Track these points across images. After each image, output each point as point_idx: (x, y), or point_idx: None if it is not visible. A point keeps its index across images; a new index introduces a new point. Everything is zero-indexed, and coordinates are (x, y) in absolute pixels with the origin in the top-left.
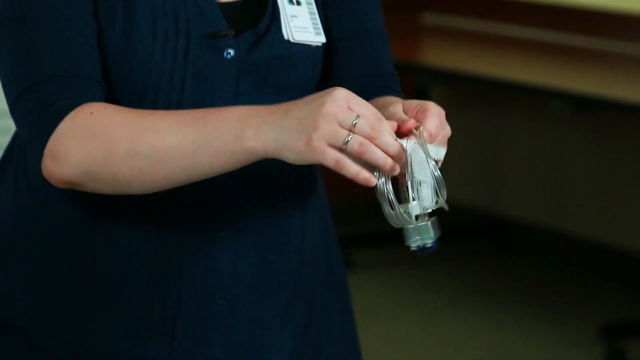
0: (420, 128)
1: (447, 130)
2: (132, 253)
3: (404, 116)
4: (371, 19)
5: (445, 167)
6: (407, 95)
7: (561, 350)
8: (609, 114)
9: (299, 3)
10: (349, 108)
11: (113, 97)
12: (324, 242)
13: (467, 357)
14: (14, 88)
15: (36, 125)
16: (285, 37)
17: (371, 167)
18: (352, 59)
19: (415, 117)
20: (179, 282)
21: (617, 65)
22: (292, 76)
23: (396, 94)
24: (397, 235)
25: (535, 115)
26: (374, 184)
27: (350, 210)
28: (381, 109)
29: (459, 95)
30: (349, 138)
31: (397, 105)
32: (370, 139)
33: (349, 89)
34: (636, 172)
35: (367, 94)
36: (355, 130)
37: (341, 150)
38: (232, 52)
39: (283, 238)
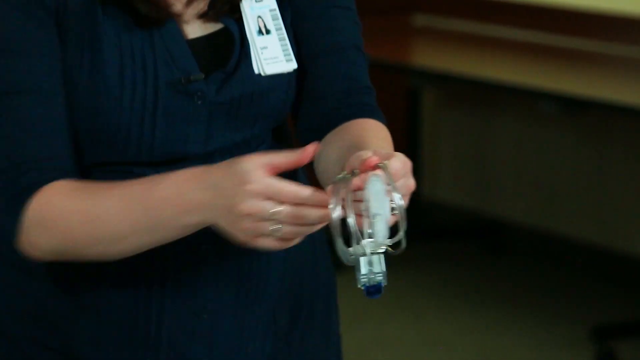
0: (385, 162)
1: (410, 182)
2: (115, 270)
3: (369, 155)
4: (344, 33)
5: (436, 167)
6: (397, 97)
7: (551, 352)
8: (599, 116)
9: (268, 32)
10: (270, 200)
11: (84, 139)
12: (310, 243)
13: (457, 358)
14: None
15: (6, 212)
16: (256, 72)
17: (335, 198)
18: (325, 76)
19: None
20: (161, 299)
21: (606, 67)
22: (264, 108)
23: (371, 109)
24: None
25: (525, 116)
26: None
27: None
28: (350, 149)
29: (450, 96)
30: (277, 228)
31: (367, 152)
32: (298, 220)
33: (323, 106)
34: (626, 173)
35: (341, 112)
36: (281, 218)
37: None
38: (202, 95)
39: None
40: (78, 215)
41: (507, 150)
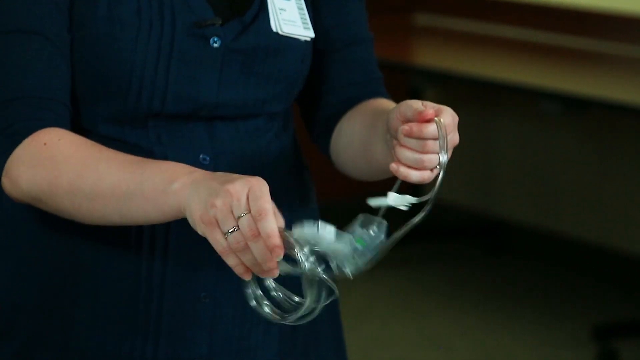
0: (438, 118)
1: (455, 137)
2: (114, 252)
3: (423, 107)
4: (361, 26)
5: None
6: (398, 96)
7: (553, 351)
8: (600, 115)
9: None
10: (247, 199)
11: (94, 95)
12: None
13: (458, 358)
14: None
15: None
16: (274, 29)
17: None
18: (345, 67)
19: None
20: (162, 281)
21: (608, 66)
22: (279, 68)
23: (386, 98)
24: (388, 237)
25: (526, 116)
26: (249, 279)
27: (340, 212)
28: (375, 114)
29: (451, 96)
30: (231, 231)
31: (417, 102)
32: (246, 241)
33: (342, 95)
34: (627, 172)
35: (356, 100)
36: (239, 224)
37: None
38: (218, 40)
39: None
40: (68, 160)
41: (508, 149)
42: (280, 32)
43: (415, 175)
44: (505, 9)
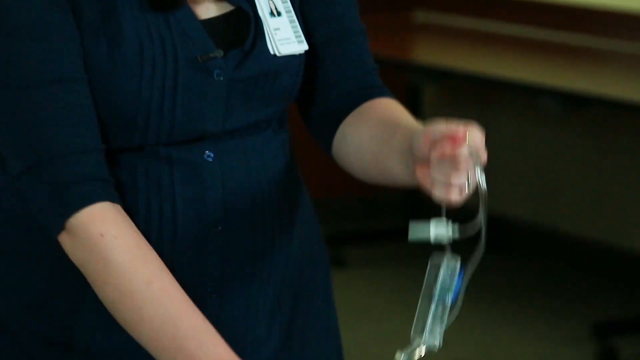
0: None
1: (484, 155)
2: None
3: (452, 128)
4: (351, 19)
5: None
6: (398, 93)
7: (553, 349)
8: (600, 112)
9: (279, 14)
10: None
11: (103, 124)
12: (308, 234)
13: (457, 355)
14: (18, 159)
15: (49, 209)
16: (271, 52)
17: None
18: (339, 62)
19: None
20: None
21: (607, 63)
22: (278, 88)
23: (381, 89)
24: (389, 233)
25: (526, 113)
26: None
27: (341, 208)
28: (385, 125)
29: (451, 93)
30: None
31: (441, 124)
32: None
33: (337, 90)
34: (627, 170)
35: (355, 95)
36: None
37: None
38: (221, 73)
39: (272, 232)
40: (117, 276)
41: (507, 146)
42: (278, 55)
43: (454, 197)
44: (505, 6)
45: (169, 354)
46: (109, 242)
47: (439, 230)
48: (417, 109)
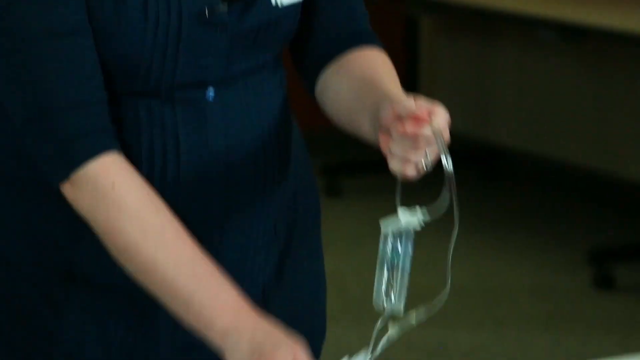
0: (433, 125)
1: (447, 135)
2: None
3: (418, 108)
4: None
5: (434, 95)
6: (395, 26)
7: (550, 275)
8: (598, 42)
9: None
10: None
11: (105, 71)
12: (300, 168)
13: (454, 282)
14: (22, 111)
15: (54, 161)
16: (273, 4)
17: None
18: (327, 8)
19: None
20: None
21: None
22: (278, 35)
23: (368, 35)
24: (385, 163)
25: (524, 43)
26: None
27: (337, 138)
28: (363, 82)
29: (448, 25)
30: None
31: (410, 101)
32: None
33: (326, 36)
34: (625, 99)
35: (343, 40)
36: None
37: None
38: (225, 26)
39: (272, 167)
40: (131, 221)
41: (506, 77)
42: (280, 6)
43: (410, 172)
44: None
45: (182, 296)
46: (121, 191)
47: (408, 218)
48: (414, 41)
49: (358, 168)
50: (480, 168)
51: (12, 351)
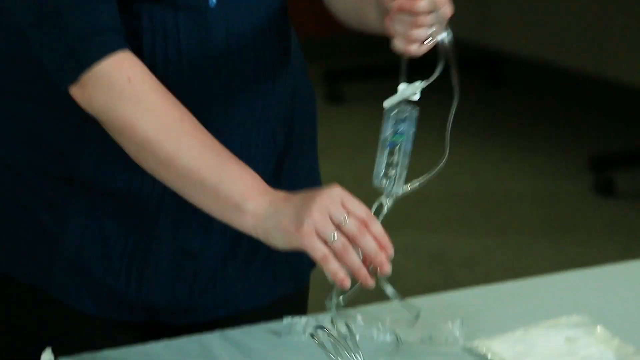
0: None
1: (447, 10)
2: None
3: None
4: None
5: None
6: None
7: (550, 181)
8: None
9: None
10: (343, 206)
11: None
12: (297, 73)
13: (456, 189)
14: (30, 10)
15: (65, 61)
16: None
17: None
18: None
19: None
20: None
21: None
22: None
23: None
24: (386, 69)
25: None
26: (347, 287)
27: (339, 44)
28: None
29: None
30: (336, 237)
31: None
32: (355, 240)
33: None
34: (627, 4)
35: None
36: (344, 229)
37: (326, 244)
38: (215, 1)
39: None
40: (151, 114)
41: None
42: None
43: (413, 49)
44: None
45: (209, 184)
46: (137, 85)
47: (406, 90)
48: None
49: (359, 74)
50: (480, 74)
51: (14, 256)
